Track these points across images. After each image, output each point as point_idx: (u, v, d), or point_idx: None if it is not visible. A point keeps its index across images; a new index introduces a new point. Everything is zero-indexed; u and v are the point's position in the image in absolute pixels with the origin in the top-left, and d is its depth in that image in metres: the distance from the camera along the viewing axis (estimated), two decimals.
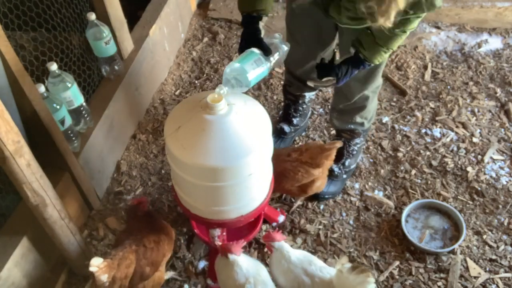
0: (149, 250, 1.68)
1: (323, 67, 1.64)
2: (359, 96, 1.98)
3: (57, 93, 1.88)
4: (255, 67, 1.50)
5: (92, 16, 2.05)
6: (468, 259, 1.93)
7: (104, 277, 1.52)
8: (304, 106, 2.36)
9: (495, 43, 2.91)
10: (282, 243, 1.65)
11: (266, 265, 1.90)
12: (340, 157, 2.19)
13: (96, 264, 1.50)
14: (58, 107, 1.82)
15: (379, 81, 1.97)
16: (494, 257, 1.93)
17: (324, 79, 1.64)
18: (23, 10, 1.79)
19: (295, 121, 2.37)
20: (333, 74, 1.61)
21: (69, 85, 1.89)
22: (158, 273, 1.74)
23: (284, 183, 1.93)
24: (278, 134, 2.37)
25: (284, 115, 2.40)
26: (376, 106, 2.14)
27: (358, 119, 2.09)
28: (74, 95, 1.93)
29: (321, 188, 2.02)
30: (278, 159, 1.90)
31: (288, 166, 1.91)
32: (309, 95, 2.34)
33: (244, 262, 1.60)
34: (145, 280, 1.69)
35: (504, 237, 2.00)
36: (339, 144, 1.93)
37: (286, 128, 2.37)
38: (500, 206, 2.10)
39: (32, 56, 1.86)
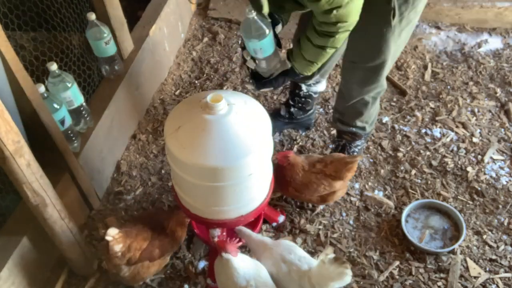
0: (164, 234, 1.76)
1: (259, 79, 1.71)
2: (357, 100, 1.98)
3: (57, 93, 1.88)
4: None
5: (92, 16, 2.05)
6: (468, 259, 1.92)
7: (118, 247, 1.60)
8: (303, 99, 2.35)
9: (495, 43, 2.91)
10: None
11: None
12: None
13: (112, 234, 1.59)
14: (58, 107, 1.83)
15: (380, 86, 1.96)
16: (494, 257, 1.93)
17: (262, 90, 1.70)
18: (23, 10, 1.79)
19: (292, 109, 2.39)
20: (269, 85, 1.70)
21: (69, 85, 1.89)
22: (160, 261, 1.78)
23: (305, 193, 1.94)
24: (273, 113, 2.40)
25: (286, 100, 2.44)
26: (378, 110, 2.14)
27: (359, 123, 2.10)
28: (74, 95, 1.93)
29: (340, 196, 2.04)
30: (304, 170, 1.91)
31: (312, 178, 1.91)
32: (307, 88, 2.32)
33: (241, 263, 1.59)
34: (151, 261, 1.73)
35: (504, 237, 2.00)
36: (360, 157, 1.95)
37: (282, 111, 2.41)
38: (500, 206, 2.10)
39: (32, 56, 1.86)
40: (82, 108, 2.00)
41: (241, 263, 1.59)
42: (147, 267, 1.73)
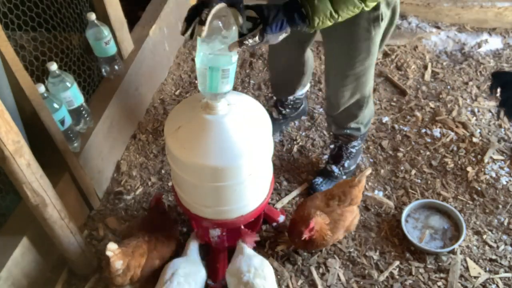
0: (160, 243, 1.73)
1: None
2: (350, 105, 1.95)
3: (57, 93, 1.88)
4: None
5: (92, 16, 2.05)
6: (468, 259, 1.93)
7: (119, 264, 1.55)
8: (291, 103, 2.38)
9: (495, 43, 2.91)
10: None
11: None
12: (339, 159, 2.19)
13: (112, 248, 1.52)
14: (58, 107, 1.83)
15: (368, 87, 1.91)
16: (494, 257, 1.93)
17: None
18: (23, 10, 1.79)
19: (283, 111, 2.41)
20: (259, 20, 1.26)
21: (69, 85, 1.89)
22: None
23: (340, 231, 1.82)
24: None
25: (274, 103, 2.46)
26: (373, 111, 2.12)
27: (353, 125, 2.07)
28: (74, 95, 1.93)
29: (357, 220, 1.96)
30: (326, 223, 1.78)
31: (335, 216, 1.80)
32: (293, 96, 2.35)
33: (251, 253, 1.63)
34: (153, 272, 1.71)
35: (504, 237, 2.00)
36: (368, 171, 1.86)
37: (275, 114, 2.42)
38: (500, 206, 2.10)
39: (32, 56, 1.86)
40: (82, 108, 2.00)
41: (249, 252, 1.64)
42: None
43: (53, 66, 1.83)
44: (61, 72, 1.87)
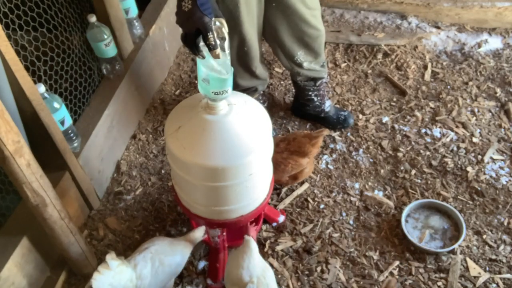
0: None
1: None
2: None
3: None
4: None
5: (93, 18, 2.05)
6: (468, 259, 1.93)
7: None
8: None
9: (495, 43, 2.91)
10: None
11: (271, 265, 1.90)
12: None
13: None
14: (58, 107, 1.83)
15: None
16: (494, 257, 1.93)
17: None
18: (24, 11, 1.79)
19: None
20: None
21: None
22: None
23: (276, 175, 1.94)
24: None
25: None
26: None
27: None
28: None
29: (309, 173, 2.08)
30: None
31: (278, 158, 1.92)
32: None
33: (255, 260, 1.60)
34: None
35: (504, 237, 2.00)
36: (326, 132, 1.97)
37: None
38: (500, 206, 2.10)
39: (33, 56, 1.86)
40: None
41: (255, 258, 1.59)
42: None
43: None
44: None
